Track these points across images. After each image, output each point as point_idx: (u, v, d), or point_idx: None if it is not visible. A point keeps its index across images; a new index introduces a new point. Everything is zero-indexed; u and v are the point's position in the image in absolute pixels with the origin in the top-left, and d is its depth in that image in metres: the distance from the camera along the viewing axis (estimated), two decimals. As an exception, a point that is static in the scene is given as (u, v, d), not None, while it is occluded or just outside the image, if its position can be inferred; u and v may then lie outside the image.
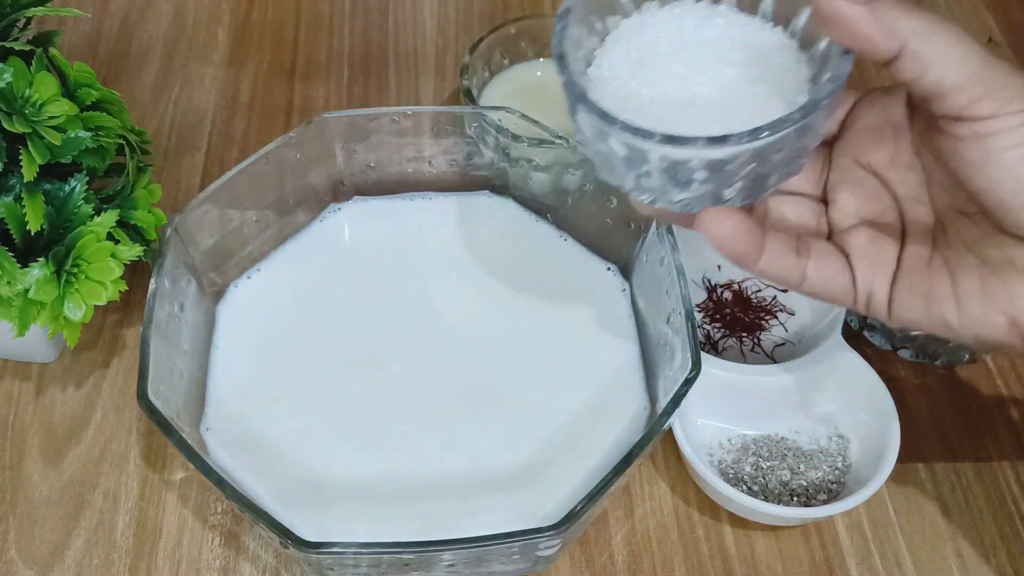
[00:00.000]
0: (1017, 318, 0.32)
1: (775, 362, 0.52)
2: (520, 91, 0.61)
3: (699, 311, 0.54)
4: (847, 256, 0.35)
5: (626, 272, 0.50)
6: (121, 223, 0.46)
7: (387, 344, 0.48)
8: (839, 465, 0.48)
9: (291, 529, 0.35)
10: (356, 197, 0.53)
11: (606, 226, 0.49)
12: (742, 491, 0.46)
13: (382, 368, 0.47)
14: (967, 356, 0.53)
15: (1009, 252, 0.32)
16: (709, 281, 0.55)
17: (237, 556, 0.46)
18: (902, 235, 0.35)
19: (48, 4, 0.46)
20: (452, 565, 0.39)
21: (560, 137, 0.48)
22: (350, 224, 0.52)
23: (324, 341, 0.48)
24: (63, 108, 0.43)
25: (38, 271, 0.42)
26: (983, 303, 0.32)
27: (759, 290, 0.55)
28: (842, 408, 0.49)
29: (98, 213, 0.44)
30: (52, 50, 0.45)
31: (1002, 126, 0.29)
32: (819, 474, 0.47)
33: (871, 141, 0.35)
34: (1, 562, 0.45)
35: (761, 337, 0.53)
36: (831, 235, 0.36)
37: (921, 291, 0.34)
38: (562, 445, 0.44)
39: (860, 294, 0.35)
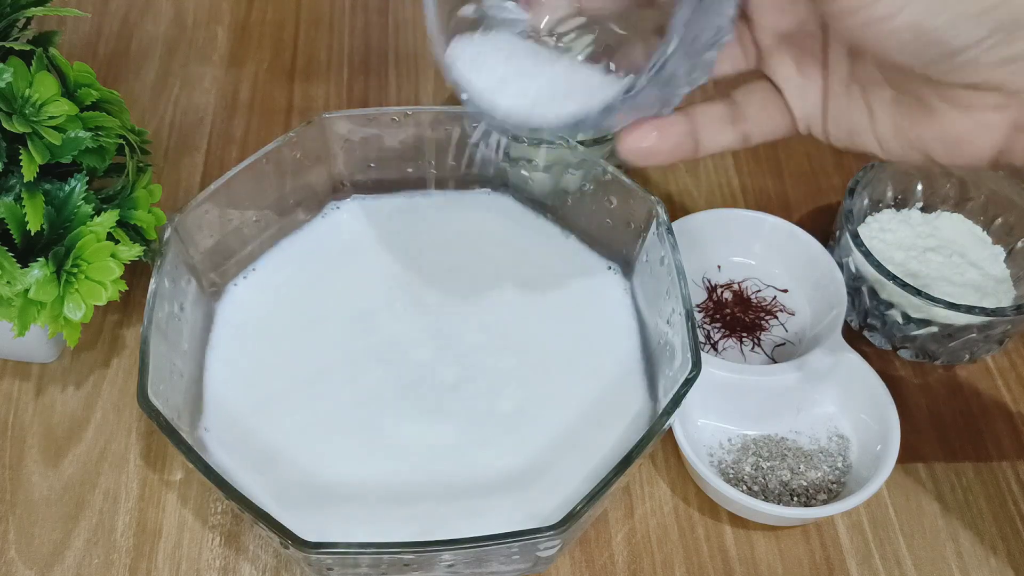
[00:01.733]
0: (931, 156, 0.33)
1: (775, 362, 0.52)
2: (520, 91, 0.61)
3: (699, 311, 0.54)
4: (780, 91, 0.36)
5: (627, 272, 0.50)
6: (121, 223, 0.46)
7: (386, 342, 0.48)
8: (839, 465, 0.48)
9: (291, 529, 0.35)
10: (355, 195, 0.53)
11: (606, 226, 0.49)
12: (742, 491, 0.46)
13: (381, 367, 0.47)
14: (966, 356, 0.53)
15: (916, 89, 0.32)
16: (709, 281, 0.55)
17: (237, 556, 0.46)
18: (825, 52, 0.35)
19: (48, 4, 0.46)
20: (452, 565, 0.39)
21: (560, 137, 0.48)
22: (348, 222, 0.52)
23: (322, 340, 0.48)
24: (63, 108, 0.43)
25: (38, 271, 0.42)
26: (899, 142, 0.33)
27: (759, 290, 0.55)
28: (842, 408, 0.49)
29: (98, 213, 0.44)
30: (52, 50, 0.45)
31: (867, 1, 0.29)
32: (819, 474, 0.47)
33: None
34: (1, 562, 0.45)
35: (761, 337, 0.53)
36: (760, 60, 0.36)
37: (845, 127, 0.35)
38: (562, 445, 0.44)
39: (800, 127, 0.36)
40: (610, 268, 0.50)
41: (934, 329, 0.50)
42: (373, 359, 0.47)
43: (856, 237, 0.51)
